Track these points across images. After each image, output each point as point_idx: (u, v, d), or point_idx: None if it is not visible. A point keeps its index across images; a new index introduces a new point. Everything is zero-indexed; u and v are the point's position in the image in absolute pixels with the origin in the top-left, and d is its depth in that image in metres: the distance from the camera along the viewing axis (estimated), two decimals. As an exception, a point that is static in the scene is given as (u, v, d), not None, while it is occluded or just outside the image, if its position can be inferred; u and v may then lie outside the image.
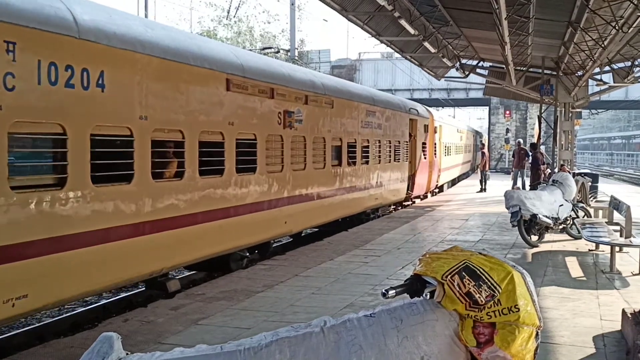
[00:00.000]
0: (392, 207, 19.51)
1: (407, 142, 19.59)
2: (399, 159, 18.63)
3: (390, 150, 17.66)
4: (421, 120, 21.39)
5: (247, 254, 10.65)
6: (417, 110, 21.04)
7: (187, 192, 8.16)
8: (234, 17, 49.51)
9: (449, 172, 29.90)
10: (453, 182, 33.79)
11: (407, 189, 20.11)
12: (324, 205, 12.92)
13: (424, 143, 21.66)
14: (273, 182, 10.56)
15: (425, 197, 23.62)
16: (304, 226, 12.93)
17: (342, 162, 13.86)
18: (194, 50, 8.43)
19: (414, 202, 21.48)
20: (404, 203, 20.48)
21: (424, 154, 21.64)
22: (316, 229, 15.14)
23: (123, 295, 9.90)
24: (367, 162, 15.67)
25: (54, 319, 8.88)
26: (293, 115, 10.96)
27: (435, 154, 23.95)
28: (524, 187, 22.42)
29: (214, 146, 8.80)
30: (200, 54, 8.50)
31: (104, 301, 9.77)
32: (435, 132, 23.78)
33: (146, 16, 29.53)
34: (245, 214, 9.67)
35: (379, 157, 16.65)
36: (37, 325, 8.56)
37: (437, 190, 26.56)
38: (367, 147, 15.65)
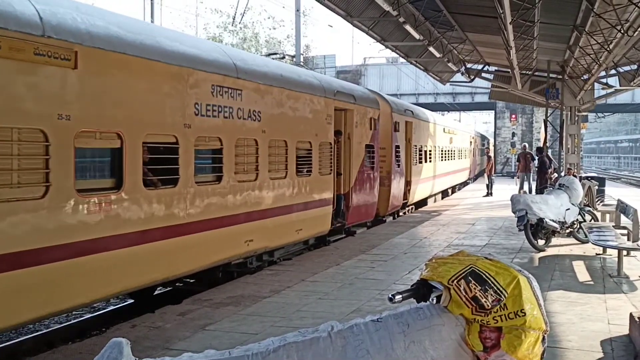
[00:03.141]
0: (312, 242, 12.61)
1: (330, 143, 12.40)
2: (309, 171, 11.57)
3: (286, 157, 10.64)
4: (362, 111, 14.24)
5: None
6: (352, 96, 13.85)
7: None
8: (240, 23, 49.65)
9: (430, 184, 23.44)
10: (444, 194, 28.21)
11: (337, 216, 13.25)
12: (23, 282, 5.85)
13: (369, 145, 14.69)
14: None
15: (380, 221, 16.90)
16: None
17: (124, 182, 6.92)
18: None
19: (353, 234, 14.56)
20: (328, 239, 13.20)
21: (370, 162, 14.79)
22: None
23: (130, 301, 9.94)
24: (218, 180, 8.74)
25: (62, 325, 8.92)
26: None
27: (398, 160, 17.49)
28: (530, 191, 22.39)
29: None
30: None
31: (111, 307, 9.81)
32: (396, 129, 17.15)
33: (152, 22, 29.62)
34: None
35: (256, 169, 9.68)
36: (46, 331, 8.60)
37: (406, 209, 20.16)
38: (219, 151, 8.76)
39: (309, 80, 12.06)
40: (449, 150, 28.10)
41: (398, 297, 2.72)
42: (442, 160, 25.96)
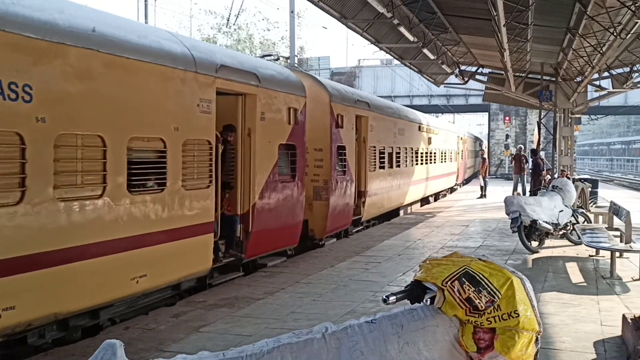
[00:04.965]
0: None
1: (208, 141, 8.31)
2: (162, 184, 7.50)
3: (104, 164, 6.54)
4: (272, 97, 10.03)
5: None
6: (255, 75, 9.51)
7: None
8: (234, 24, 49.66)
9: (398, 193, 19.06)
10: (424, 200, 24.67)
11: (229, 247, 9.45)
12: None
13: (287, 145, 10.59)
14: None
15: (315, 245, 12.73)
16: None
17: None
18: None
19: (260, 268, 10.34)
20: (209, 282, 8.95)
21: (290, 168, 10.80)
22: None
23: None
24: None
25: (55, 327, 8.85)
26: None
27: (343, 166, 13.56)
28: (524, 193, 22.46)
29: None
30: None
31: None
32: (338, 125, 13.09)
33: (146, 22, 29.58)
34: None
35: (20, 184, 5.61)
36: (38, 332, 8.54)
37: (361, 227, 15.83)
38: None
39: (161, 44, 7.61)
40: (427, 153, 23.42)
41: (392, 298, 2.73)
42: (416, 164, 21.52)
